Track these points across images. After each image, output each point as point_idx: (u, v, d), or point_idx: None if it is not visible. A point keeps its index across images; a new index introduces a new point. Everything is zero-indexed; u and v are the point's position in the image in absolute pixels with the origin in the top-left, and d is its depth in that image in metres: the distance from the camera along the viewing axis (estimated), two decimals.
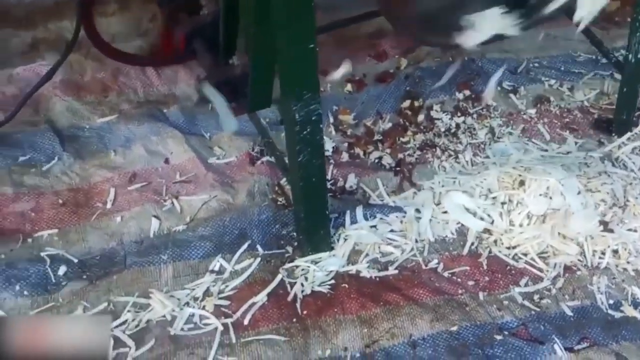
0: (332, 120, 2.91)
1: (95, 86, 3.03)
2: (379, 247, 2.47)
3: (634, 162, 2.69)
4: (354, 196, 2.66)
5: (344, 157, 2.79)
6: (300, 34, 1.99)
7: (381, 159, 2.78)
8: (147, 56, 3.15)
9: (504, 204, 2.52)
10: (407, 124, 2.90)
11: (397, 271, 2.41)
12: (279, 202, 2.62)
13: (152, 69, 3.09)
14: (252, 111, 2.78)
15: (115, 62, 3.04)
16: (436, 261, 2.44)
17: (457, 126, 2.89)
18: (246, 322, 2.27)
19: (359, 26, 3.23)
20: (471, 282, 2.38)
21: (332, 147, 2.81)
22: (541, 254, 2.44)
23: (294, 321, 2.28)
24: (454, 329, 2.25)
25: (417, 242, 2.49)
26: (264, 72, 2.54)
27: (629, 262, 2.41)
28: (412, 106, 2.96)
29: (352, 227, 2.51)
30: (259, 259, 2.43)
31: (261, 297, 2.32)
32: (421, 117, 2.92)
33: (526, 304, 2.31)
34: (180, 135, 2.82)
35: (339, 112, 2.94)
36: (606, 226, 2.45)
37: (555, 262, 2.41)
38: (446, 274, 2.40)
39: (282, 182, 2.67)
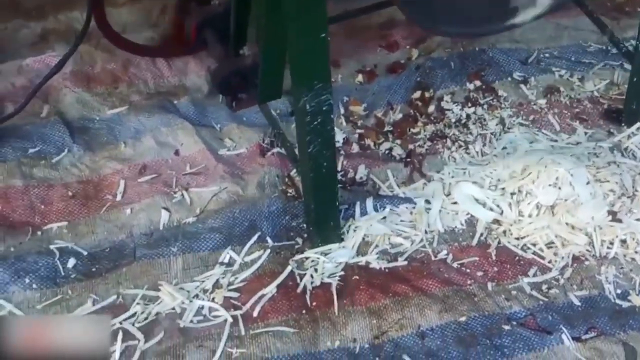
0: (342, 111, 2.90)
1: (105, 77, 3.02)
2: (389, 239, 2.47)
3: None
4: (364, 187, 2.66)
5: (355, 148, 2.79)
6: (311, 24, 1.98)
7: (391, 150, 2.78)
8: (157, 47, 3.14)
9: (513, 194, 2.52)
10: (418, 114, 2.90)
11: (406, 262, 2.41)
12: (289, 194, 2.63)
13: (162, 60, 3.08)
14: (263, 102, 2.79)
15: (125, 53, 3.03)
16: (445, 252, 2.44)
17: (468, 117, 2.88)
18: (255, 314, 2.27)
19: (370, 16, 3.21)
20: (480, 273, 2.38)
21: (343, 138, 2.80)
22: (550, 244, 2.43)
23: (303, 313, 2.28)
24: (463, 319, 2.25)
25: (426, 233, 2.49)
26: (275, 63, 2.55)
27: (637, 252, 2.40)
28: (423, 97, 2.96)
29: (362, 219, 2.51)
30: (268, 251, 2.43)
31: (270, 289, 2.33)
32: (432, 107, 2.92)
33: (534, 294, 2.31)
34: (190, 126, 2.81)
35: (349, 103, 2.94)
36: (615, 216, 2.44)
37: (563, 252, 2.41)
38: (455, 265, 2.40)
39: (292, 173, 2.67)
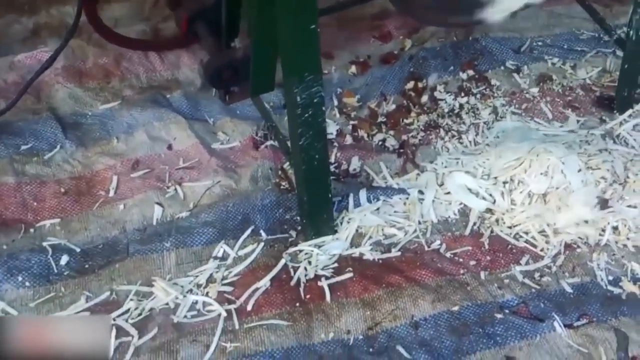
0: (336, 103, 2.91)
1: (97, 72, 3.01)
2: (382, 230, 2.47)
3: (635, 139, 2.68)
4: (357, 179, 2.66)
5: (348, 139, 2.79)
6: (301, 16, 1.98)
7: (385, 141, 2.78)
8: (149, 40, 3.13)
9: (505, 183, 2.52)
10: (411, 105, 2.90)
11: (399, 253, 2.41)
12: (282, 187, 2.63)
13: (155, 53, 3.08)
14: (255, 95, 2.78)
15: (117, 47, 3.03)
16: (439, 242, 2.44)
17: (461, 106, 2.88)
18: (249, 307, 2.27)
19: (362, 7, 3.22)
20: (473, 262, 2.38)
21: (336, 130, 2.81)
22: (542, 232, 2.44)
23: (297, 305, 2.29)
24: (456, 308, 2.25)
25: (420, 223, 2.49)
26: (267, 56, 2.54)
27: (628, 238, 2.40)
28: (416, 87, 2.96)
29: (356, 210, 2.51)
30: (262, 244, 2.43)
31: (264, 282, 2.33)
32: (425, 98, 2.92)
33: (527, 282, 2.32)
34: (183, 120, 2.81)
35: (343, 94, 2.94)
36: (606, 203, 2.44)
37: (555, 241, 2.41)
38: (448, 255, 2.41)
39: (286, 166, 2.67)
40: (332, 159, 2.70)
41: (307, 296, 2.31)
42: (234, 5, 2.67)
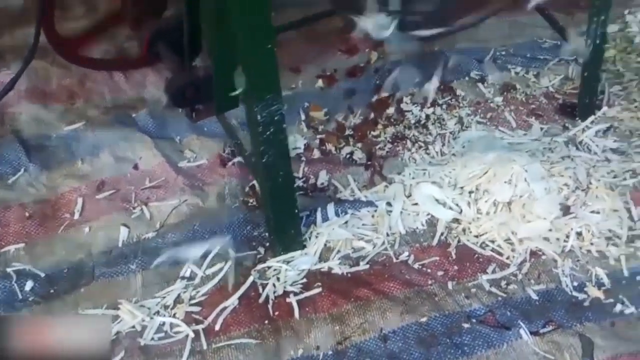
0: (303, 117, 2.91)
1: (61, 93, 3.00)
2: (351, 243, 2.47)
3: (597, 145, 2.70)
4: (325, 193, 2.66)
5: (316, 153, 2.79)
6: (258, 35, 1.98)
7: (352, 154, 2.79)
8: (113, 60, 3.12)
9: (471, 192, 2.53)
10: (378, 117, 2.91)
11: (368, 266, 2.41)
12: (250, 204, 2.62)
13: (119, 73, 3.07)
14: (220, 113, 2.78)
15: (81, 68, 3.01)
16: (407, 253, 2.44)
17: (427, 117, 2.89)
18: (217, 327, 2.26)
19: (329, 21, 3.21)
20: (440, 272, 2.38)
21: (304, 145, 2.81)
22: (507, 240, 2.44)
23: (266, 323, 2.27)
24: (424, 320, 2.25)
25: (388, 235, 2.49)
26: (228, 74, 2.53)
27: (592, 244, 2.41)
28: (383, 99, 2.97)
29: (324, 225, 2.51)
30: (230, 262, 2.42)
31: (232, 301, 2.31)
32: (391, 110, 2.93)
33: (493, 290, 2.32)
34: (149, 139, 2.80)
35: (310, 108, 2.95)
36: (569, 210, 2.46)
37: (520, 248, 2.42)
38: (416, 266, 2.41)
39: (254, 183, 2.66)
40: (300, 174, 2.70)
41: (276, 313, 2.30)
42: (195, 24, 2.67)
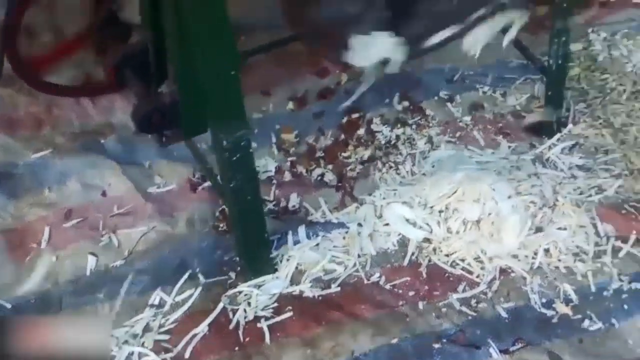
0: (274, 139, 2.92)
1: (28, 121, 2.97)
2: (322, 266, 2.47)
3: (564, 162, 2.72)
4: (296, 215, 2.66)
5: (287, 176, 2.79)
6: (222, 62, 1.98)
7: (323, 175, 2.79)
8: (80, 86, 3.07)
9: (441, 212, 2.54)
10: (349, 138, 2.92)
11: (339, 288, 2.41)
12: (220, 228, 2.61)
13: (87, 99, 3.05)
14: (188, 138, 2.78)
15: (48, 95, 2.99)
16: (378, 274, 2.45)
17: (397, 137, 2.90)
18: (187, 355, 2.25)
19: (299, 44, 3.23)
20: (411, 293, 2.39)
21: (275, 167, 2.81)
22: (477, 258, 2.45)
23: (236, 349, 2.27)
24: (395, 341, 2.26)
25: (359, 257, 2.50)
26: (193, 99, 2.53)
27: (560, 260, 2.43)
28: (353, 120, 2.98)
29: (295, 247, 2.51)
30: (200, 288, 2.41)
31: (202, 328, 2.31)
32: (362, 131, 2.94)
33: (464, 309, 2.33)
34: (117, 165, 2.78)
35: (281, 130, 2.96)
36: (537, 227, 2.48)
37: (490, 266, 2.43)
38: (388, 287, 2.41)
39: (224, 207, 2.66)
40: (271, 197, 2.70)
41: (247, 339, 2.29)
42: (161, 50, 2.67)
